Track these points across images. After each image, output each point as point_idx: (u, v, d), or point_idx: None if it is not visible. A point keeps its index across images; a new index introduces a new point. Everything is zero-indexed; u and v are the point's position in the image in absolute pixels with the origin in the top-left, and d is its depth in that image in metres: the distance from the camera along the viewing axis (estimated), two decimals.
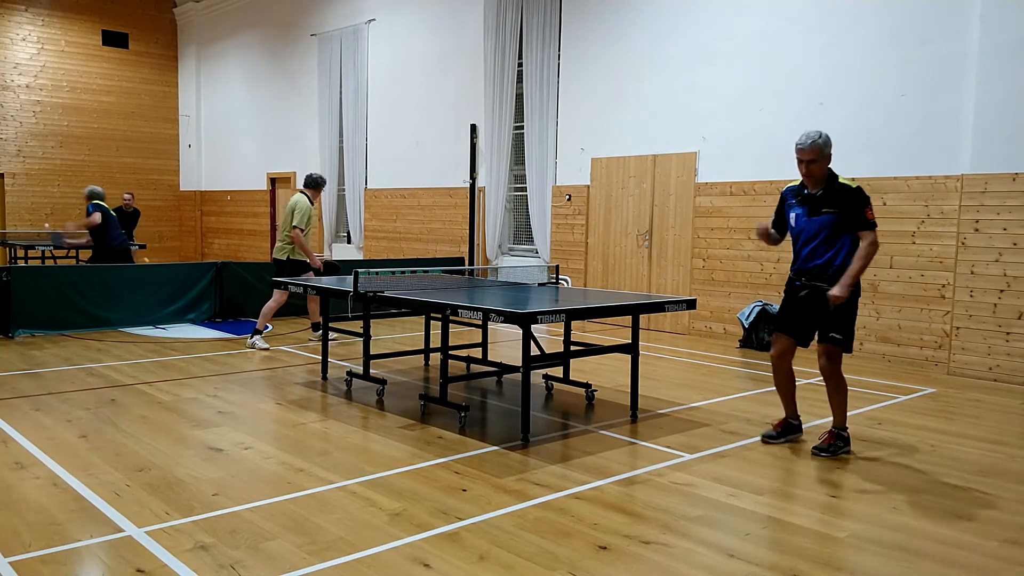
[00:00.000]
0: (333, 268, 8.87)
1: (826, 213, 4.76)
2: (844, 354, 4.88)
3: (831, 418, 5.03)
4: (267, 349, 8.33)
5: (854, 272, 4.68)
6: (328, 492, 4.13)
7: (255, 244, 17.97)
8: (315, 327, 8.89)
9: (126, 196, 14.55)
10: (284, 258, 8.50)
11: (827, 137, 4.75)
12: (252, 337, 8.42)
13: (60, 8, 18.06)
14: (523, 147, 11.82)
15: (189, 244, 20.05)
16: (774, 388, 5.30)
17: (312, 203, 8.59)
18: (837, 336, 4.79)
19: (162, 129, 19.76)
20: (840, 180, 4.78)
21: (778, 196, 5.18)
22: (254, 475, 4.38)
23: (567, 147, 11.24)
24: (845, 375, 5.08)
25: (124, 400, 6.04)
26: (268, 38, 17.32)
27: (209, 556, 3.33)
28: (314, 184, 8.68)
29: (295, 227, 8.35)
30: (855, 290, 4.75)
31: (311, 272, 8.53)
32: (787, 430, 5.18)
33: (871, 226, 4.73)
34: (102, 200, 10.27)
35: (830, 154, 4.77)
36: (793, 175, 5.18)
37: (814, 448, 4.92)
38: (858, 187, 4.76)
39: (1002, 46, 7.23)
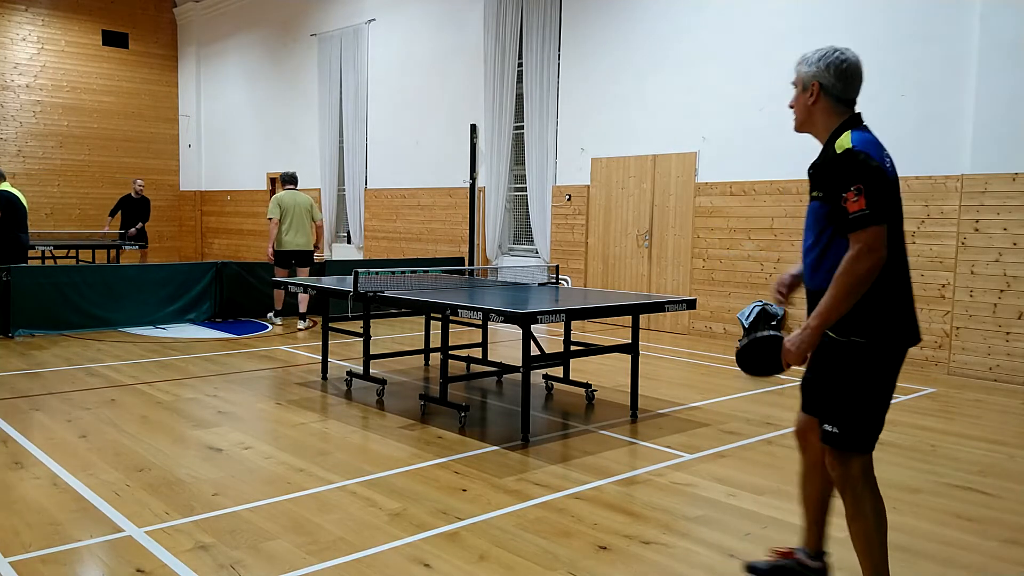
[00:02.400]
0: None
1: (814, 198, 2.83)
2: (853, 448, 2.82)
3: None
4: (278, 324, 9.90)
5: (825, 310, 2.67)
6: (328, 492, 4.13)
7: (255, 244, 17.95)
8: (276, 313, 9.98)
9: (137, 182, 14.56)
10: (312, 248, 9.93)
11: (828, 57, 2.79)
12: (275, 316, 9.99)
13: (60, 8, 18.05)
14: (523, 147, 11.82)
15: (189, 244, 20.05)
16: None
17: None
18: (829, 428, 2.81)
19: (162, 129, 19.75)
20: (838, 141, 2.76)
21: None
22: (254, 475, 4.38)
23: (567, 147, 11.24)
24: None
25: (124, 400, 6.04)
26: (268, 38, 17.32)
27: (209, 556, 3.33)
28: (296, 180, 10.16)
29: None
30: (846, 348, 2.74)
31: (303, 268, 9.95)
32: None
33: (858, 223, 2.61)
34: (4, 181, 9.79)
35: (831, 87, 2.81)
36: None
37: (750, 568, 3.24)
38: (847, 151, 2.70)
39: (1002, 46, 7.23)
